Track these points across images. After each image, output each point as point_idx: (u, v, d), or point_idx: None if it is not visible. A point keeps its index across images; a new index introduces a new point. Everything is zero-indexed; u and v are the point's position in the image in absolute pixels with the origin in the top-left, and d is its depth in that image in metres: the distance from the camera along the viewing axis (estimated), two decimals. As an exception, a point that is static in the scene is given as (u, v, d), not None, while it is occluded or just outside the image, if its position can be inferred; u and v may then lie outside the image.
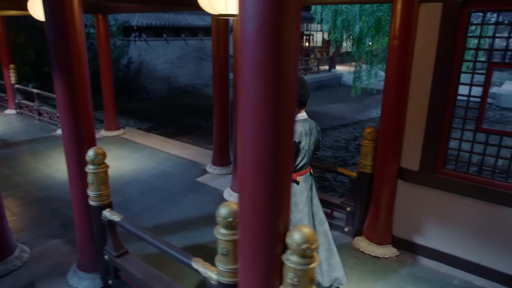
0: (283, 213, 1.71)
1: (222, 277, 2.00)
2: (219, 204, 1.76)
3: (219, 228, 1.93)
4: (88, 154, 2.74)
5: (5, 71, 9.15)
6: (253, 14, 1.45)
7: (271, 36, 1.45)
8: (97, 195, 2.83)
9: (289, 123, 1.62)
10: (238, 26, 1.54)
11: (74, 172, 2.93)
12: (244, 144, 1.63)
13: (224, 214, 1.88)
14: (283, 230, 1.72)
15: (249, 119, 1.57)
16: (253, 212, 1.69)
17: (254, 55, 1.49)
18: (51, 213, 4.38)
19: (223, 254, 1.95)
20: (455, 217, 3.30)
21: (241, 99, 1.59)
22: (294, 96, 1.61)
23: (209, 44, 16.06)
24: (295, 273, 1.68)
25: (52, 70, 2.73)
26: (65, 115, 2.80)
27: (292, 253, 1.67)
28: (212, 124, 5.55)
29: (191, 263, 2.24)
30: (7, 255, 3.33)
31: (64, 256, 3.53)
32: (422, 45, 3.15)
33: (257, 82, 1.51)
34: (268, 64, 1.48)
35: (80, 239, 3.12)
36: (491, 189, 3.08)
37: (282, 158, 1.62)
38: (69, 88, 2.71)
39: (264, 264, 1.75)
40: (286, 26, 1.46)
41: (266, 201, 1.65)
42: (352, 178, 3.86)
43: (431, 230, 3.45)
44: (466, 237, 3.27)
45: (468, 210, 3.22)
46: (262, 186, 1.64)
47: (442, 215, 3.37)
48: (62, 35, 2.61)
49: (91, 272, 3.13)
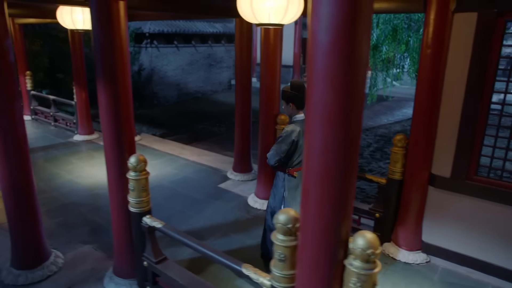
0: (346, 219, 1.75)
1: (277, 283, 2.03)
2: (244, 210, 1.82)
3: (277, 234, 1.95)
4: (130, 161, 2.78)
5: (21, 78, 9.25)
6: (327, 26, 1.49)
7: (346, 48, 1.49)
8: (138, 202, 2.87)
9: (357, 133, 1.66)
10: (310, 37, 1.58)
11: (114, 179, 2.97)
12: (311, 152, 1.67)
13: (283, 221, 1.90)
14: (345, 236, 1.76)
15: (318, 128, 1.61)
16: (318, 218, 1.73)
17: (327, 66, 1.53)
18: (78, 219, 4.41)
19: (280, 259, 1.97)
20: (488, 224, 3.32)
21: (310, 108, 1.63)
22: (362, 105, 1.65)
23: (218, 50, 16.19)
24: (359, 278, 1.71)
25: (97, 78, 2.78)
26: (107, 122, 2.85)
27: (355, 258, 1.71)
28: (225, 131, 5.60)
29: (241, 269, 2.26)
30: (43, 261, 3.36)
31: (97, 262, 3.56)
32: (456, 53, 3.19)
33: (329, 92, 1.56)
34: (341, 75, 1.53)
35: (118, 245, 3.15)
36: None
37: (350, 166, 1.66)
38: (113, 96, 2.76)
39: (326, 269, 1.78)
40: (359, 38, 1.50)
41: (332, 207, 1.69)
42: (381, 185, 3.89)
43: (463, 236, 3.46)
44: (499, 243, 3.29)
45: (501, 217, 3.25)
46: (329, 193, 1.67)
47: (474, 221, 3.39)
48: (109, 45, 2.67)
49: (127, 278, 3.16)
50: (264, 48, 4.24)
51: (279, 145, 2.97)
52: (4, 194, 3.15)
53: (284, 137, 2.97)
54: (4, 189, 3.13)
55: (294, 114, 3.10)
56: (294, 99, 3.02)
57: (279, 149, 2.96)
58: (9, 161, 3.05)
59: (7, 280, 3.21)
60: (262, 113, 4.49)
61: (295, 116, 3.09)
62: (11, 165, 3.07)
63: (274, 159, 2.99)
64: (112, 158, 2.92)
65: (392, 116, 12.31)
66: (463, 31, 3.11)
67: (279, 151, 2.97)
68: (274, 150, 2.99)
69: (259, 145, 4.65)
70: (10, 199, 3.14)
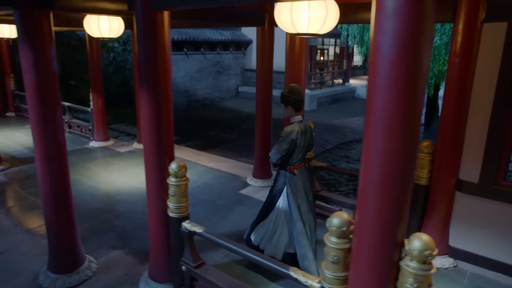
0: (403, 221, 1.81)
1: (329, 285, 2.08)
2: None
3: (331, 237, 2.02)
4: (171, 167, 2.85)
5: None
6: (393, 40, 1.57)
7: (410, 59, 1.58)
8: (178, 207, 2.93)
9: (416, 140, 1.73)
10: (374, 49, 1.66)
11: (153, 184, 3.03)
12: (370, 157, 1.75)
13: (338, 224, 1.97)
14: (401, 238, 1.83)
15: (380, 134, 1.69)
16: (376, 221, 1.80)
17: (391, 76, 1.61)
18: (105, 225, 4.47)
19: (333, 262, 2.03)
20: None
21: (371, 116, 1.71)
22: (421, 113, 1.72)
23: (226, 58, 16.32)
24: (416, 278, 1.78)
25: (139, 85, 2.86)
26: (148, 129, 2.92)
27: (411, 259, 1.77)
28: (237, 138, 5.67)
29: (289, 273, 2.32)
30: (79, 265, 3.42)
31: (130, 266, 3.61)
32: (485, 63, 3.26)
33: (392, 100, 1.63)
34: (404, 85, 1.61)
35: (154, 250, 3.20)
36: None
37: (409, 170, 1.73)
38: (155, 103, 2.84)
39: (383, 270, 1.85)
40: (422, 50, 1.59)
41: (392, 211, 1.76)
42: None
43: (491, 240, 3.51)
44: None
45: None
46: (389, 197, 1.75)
47: (502, 225, 3.44)
48: (152, 53, 2.75)
49: (163, 283, 3.21)
50: (290, 56, 4.33)
51: (280, 144, 3.19)
52: (44, 199, 3.22)
53: (284, 136, 3.19)
54: (44, 195, 3.20)
55: (292, 115, 3.33)
56: (293, 102, 3.26)
57: (280, 148, 3.17)
58: (50, 167, 3.12)
59: (45, 284, 3.27)
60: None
61: (293, 117, 3.32)
62: (51, 172, 3.14)
63: (276, 157, 3.20)
64: (152, 163, 2.98)
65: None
66: (492, 40, 3.19)
67: (280, 149, 3.17)
68: (275, 149, 3.21)
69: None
70: (50, 204, 3.20)
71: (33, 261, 3.67)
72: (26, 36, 2.84)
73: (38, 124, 3.02)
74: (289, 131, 3.21)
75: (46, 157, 3.09)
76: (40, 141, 3.07)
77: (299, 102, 3.26)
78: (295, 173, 3.32)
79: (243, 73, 17.47)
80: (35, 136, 3.08)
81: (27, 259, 3.72)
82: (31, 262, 3.66)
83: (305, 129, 3.30)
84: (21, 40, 2.86)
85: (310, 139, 3.40)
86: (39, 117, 3.01)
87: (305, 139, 3.30)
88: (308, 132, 3.34)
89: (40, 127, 3.03)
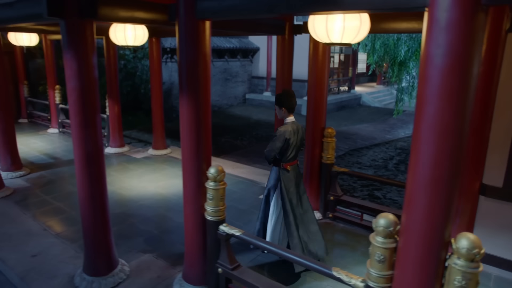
0: (450, 222, 1.91)
1: (375, 283, 2.17)
2: None
3: (377, 237, 2.11)
4: (210, 171, 2.95)
5: (51, 92, 9.53)
6: (447, 52, 1.69)
7: (462, 69, 1.70)
8: (216, 210, 3.02)
9: (464, 144, 1.83)
10: (426, 60, 1.77)
11: (191, 188, 3.12)
12: (421, 160, 1.85)
13: (385, 224, 2.06)
14: (448, 237, 1.92)
15: (431, 138, 1.80)
16: (425, 222, 1.90)
17: (444, 85, 1.72)
18: (131, 229, 4.55)
19: (379, 261, 2.12)
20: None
21: (422, 121, 1.82)
22: (469, 118, 1.82)
23: (234, 65, 16.48)
24: (464, 276, 1.87)
25: (180, 93, 2.96)
26: (188, 135, 3.01)
27: (459, 257, 1.86)
28: (248, 144, 5.76)
29: (332, 273, 2.40)
30: (113, 268, 3.49)
31: (161, 270, 3.69)
32: (509, 71, 3.37)
33: (444, 107, 1.74)
34: (456, 93, 1.72)
35: (190, 252, 3.28)
36: None
37: (458, 172, 1.83)
38: (195, 110, 2.94)
39: (431, 269, 1.94)
40: (473, 61, 1.70)
41: (441, 211, 1.86)
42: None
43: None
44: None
45: (555, 226, 3.39)
46: (439, 199, 1.85)
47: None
48: (194, 62, 2.86)
49: (198, 285, 3.28)
50: (313, 64, 4.45)
51: (274, 143, 3.50)
52: (82, 202, 3.31)
53: (278, 136, 3.49)
54: (83, 198, 3.29)
55: (285, 117, 3.63)
56: (287, 104, 3.57)
57: (274, 146, 3.49)
58: (89, 170, 3.22)
59: (81, 286, 3.35)
60: (309, 126, 4.67)
61: (286, 118, 3.62)
62: (90, 175, 3.24)
63: (271, 155, 3.53)
64: (191, 168, 3.07)
65: (408, 129, 12.47)
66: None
67: (274, 148, 3.49)
68: (270, 147, 3.51)
69: (306, 158, 4.81)
70: (88, 207, 3.29)
71: (66, 263, 3.76)
72: (71, 45, 2.96)
73: (79, 128, 3.12)
74: (283, 131, 3.49)
75: (85, 161, 3.18)
76: (80, 145, 3.16)
77: (292, 105, 3.58)
78: (288, 170, 3.63)
79: (250, 80, 17.62)
80: (75, 140, 3.18)
81: (60, 261, 3.80)
82: (64, 264, 3.74)
83: (297, 129, 3.60)
84: (66, 49, 2.98)
85: (302, 139, 3.69)
86: (80, 122, 3.11)
87: (297, 139, 3.60)
88: (300, 132, 3.63)
89: (81, 131, 3.13)
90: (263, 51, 16.97)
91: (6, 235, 4.31)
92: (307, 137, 4.75)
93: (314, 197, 4.81)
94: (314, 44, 4.42)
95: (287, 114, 3.61)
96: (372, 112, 16.78)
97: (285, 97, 3.58)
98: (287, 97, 3.58)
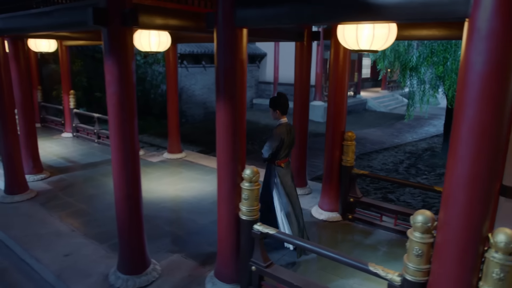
0: (488, 217, 2.04)
1: (412, 276, 2.29)
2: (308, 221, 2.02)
3: (415, 232, 2.23)
4: (245, 172, 3.07)
5: (65, 96, 9.66)
6: (487, 59, 1.84)
7: (501, 75, 1.83)
8: (250, 210, 3.14)
9: (502, 144, 1.96)
10: (465, 66, 1.91)
11: (226, 189, 3.24)
12: (460, 159, 1.99)
13: (423, 220, 2.19)
14: (486, 232, 2.05)
15: (471, 139, 1.94)
16: (464, 218, 2.04)
17: (482, 91, 1.86)
18: (157, 231, 4.65)
19: (417, 255, 2.24)
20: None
21: (460, 122, 1.96)
22: (507, 119, 1.95)
23: (240, 70, 16.62)
24: (502, 268, 1.99)
25: (217, 97, 3.10)
26: (225, 138, 3.14)
27: (497, 251, 1.99)
28: (259, 149, 5.87)
29: (369, 268, 2.52)
30: (146, 267, 3.61)
31: (192, 269, 3.79)
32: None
33: (483, 110, 1.89)
34: (495, 97, 1.86)
35: (223, 251, 3.39)
36: None
37: (497, 170, 1.96)
38: (232, 114, 3.07)
39: (470, 262, 2.07)
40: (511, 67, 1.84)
41: (481, 206, 2.00)
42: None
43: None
44: None
45: None
46: (477, 196, 1.99)
47: (548, 231, 3.63)
48: (231, 68, 3.00)
49: (230, 283, 3.39)
50: (334, 69, 4.58)
51: (271, 142, 3.85)
52: (118, 202, 3.43)
53: (275, 136, 3.86)
54: (119, 199, 3.41)
55: (279, 118, 3.96)
56: (281, 107, 3.90)
57: (272, 145, 3.84)
58: (126, 171, 3.35)
59: (117, 284, 3.46)
60: (329, 129, 4.79)
61: (280, 120, 3.95)
62: (127, 176, 3.37)
63: (268, 153, 3.86)
64: (227, 169, 3.20)
65: (416, 134, 12.62)
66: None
67: (271, 146, 3.84)
68: (268, 146, 3.85)
69: (326, 161, 4.94)
70: (124, 207, 3.41)
71: (99, 263, 3.87)
72: (113, 51, 3.09)
73: (118, 131, 3.26)
74: (279, 132, 3.86)
75: (122, 162, 3.32)
76: (118, 146, 3.30)
77: (285, 107, 3.93)
78: (282, 166, 3.99)
79: (257, 85, 17.78)
80: (113, 141, 3.31)
81: (92, 261, 3.91)
82: (96, 264, 3.86)
83: (290, 130, 3.97)
84: (107, 55, 3.11)
85: (293, 138, 4.07)
86: (119, 125, 3.24)
87: (290, 138, 3.97)
88: (292, 132, 4.00)
89: (119, 133, 3.26)
90: (270, 57, 17.13)
91: (37, 236, 4.43)
92: (327, 141, 4.88)
93: (334, 199, 4.93)
94: (335, 50, 4.55)
95: (281, 115, 3.94)
96: (379, 116, 16.93)
97: (279, 101, 3.91)
98: (281, 100, 3.92)
